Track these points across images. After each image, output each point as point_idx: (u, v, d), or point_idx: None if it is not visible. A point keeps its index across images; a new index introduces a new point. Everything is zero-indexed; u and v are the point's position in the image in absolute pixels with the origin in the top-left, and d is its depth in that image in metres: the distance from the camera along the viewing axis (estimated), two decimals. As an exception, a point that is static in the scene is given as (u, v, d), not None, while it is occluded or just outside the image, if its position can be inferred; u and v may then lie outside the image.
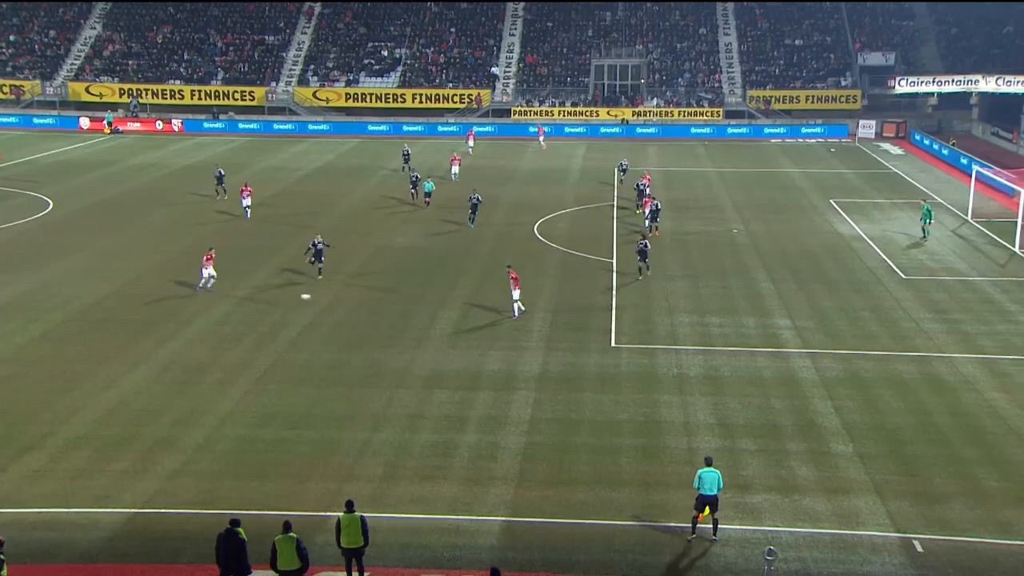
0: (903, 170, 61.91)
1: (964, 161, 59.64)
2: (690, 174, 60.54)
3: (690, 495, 21.44)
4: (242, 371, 28.67)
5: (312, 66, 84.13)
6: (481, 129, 77.68)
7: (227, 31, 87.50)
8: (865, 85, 79.47)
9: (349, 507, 18.51)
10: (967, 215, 47.91)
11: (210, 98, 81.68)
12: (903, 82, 77.40)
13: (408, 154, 60.63)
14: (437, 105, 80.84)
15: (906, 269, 39.09)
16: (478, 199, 45.83)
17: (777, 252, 41.79)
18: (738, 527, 20.35)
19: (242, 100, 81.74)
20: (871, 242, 43.40)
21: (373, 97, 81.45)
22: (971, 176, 50.68)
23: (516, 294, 32.83)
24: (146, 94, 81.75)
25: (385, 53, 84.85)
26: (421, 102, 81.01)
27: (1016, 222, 42.82)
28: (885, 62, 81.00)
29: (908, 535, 20.03)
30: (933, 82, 77.10)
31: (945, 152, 65.38)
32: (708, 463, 20.19)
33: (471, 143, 68.72)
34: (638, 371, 28.73)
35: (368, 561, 18.58)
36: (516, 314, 32.74)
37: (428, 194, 49.89)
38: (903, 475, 22.48)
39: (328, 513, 20.69)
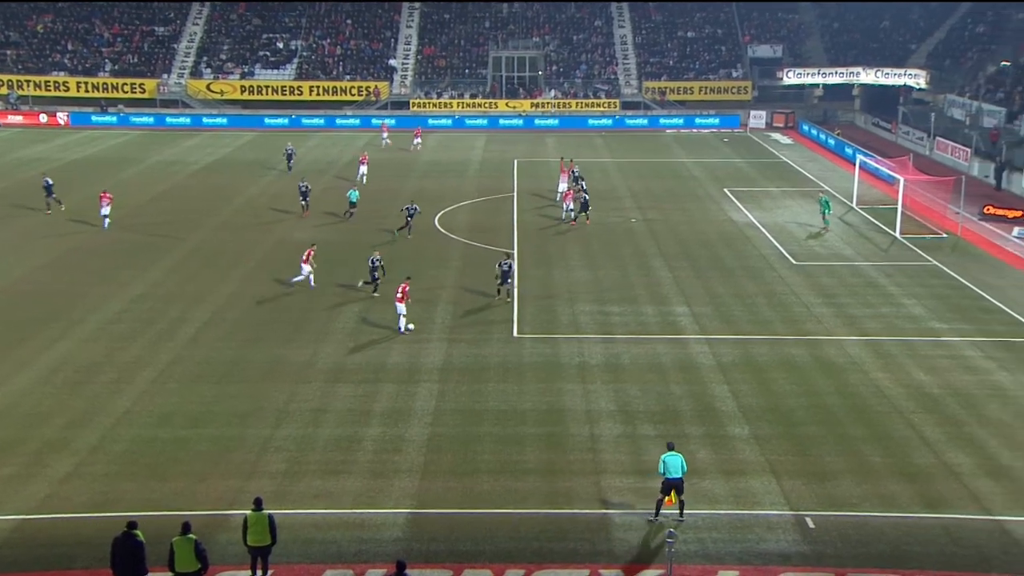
0: (792, 159, 63.70)
1: (849, 151, 61.68)
2: (588, 165, 61.06)
3: (591, 483, 21.76)
4: (138, 370, 27.87)
5: (205, 58, 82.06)
6: (380, 122, 76.98)
7: (114, 21, 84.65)
8: (755, 77, 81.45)
9: (257, 505, 18.18)
10: (852, 202, 49.59)
11: (98, 90, 78.80)
12: (790, 74, 79.66)
13: (292, 153, 57.85)
14: (335, 98, 79.74)
15: (797, 255, 40.25)
16: (415, 209, 42.53)
17: (674, 240, 42.55)
18: (640, 511, 20.67)
19: (132, 93, 79.13)
20: (763, 229, 44.55)
21: (269, 90, 79.88)
22: (855, 165, 52.45)
23: (401, 308, 30.62)
24: (27, 86, 78.47)
25: (280, 45, 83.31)
26: (318, 94, 79.82)
27: (896, 208, 44.51)
28: (773, 54, 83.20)
29: (801, 512, 20.66)
30: (818, 74, 79.56)
31: (831, 142, 67.50)
32: (670, 448, 20.48)
33: (418, 140, 65.82)
34: (541, 361, 28.91)
35: (272, 558, 18.29)
36: (402, 330, 30.75)
37: (353, 204, 45.54)
38: (796, 455, 23.16)
39: (230, 512, 20.31)
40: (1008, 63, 65.16)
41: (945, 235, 43.64)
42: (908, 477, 22.09)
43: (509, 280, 33.83)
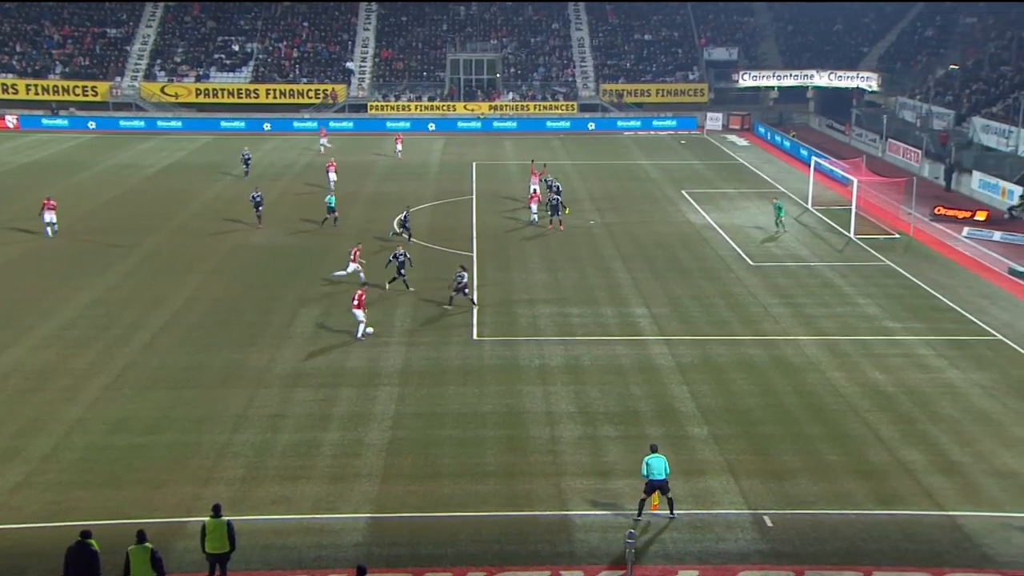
0: (748, 161, 64.34)
1: (804, 152, 62.42)
2: (547, 168, 61.17)
3: (552, 484, 21.83)
4: (92, 376, 27.46)
5: (159, 60, 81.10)
6: (337, 125, 76.74)
7: (64, 22, 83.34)
8: (711, 79, 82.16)
9: (216, 511, 17.97)
10: (807, 203, 50.18)
11: (48, 93, 77.51)
12: (746, 76, 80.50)
13: (249, 158, 56.66)
14: (291, 100, 79.23)
15: (754, 256, 40.65)
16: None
17: (633, 242, 42.78)
18: (600, 513, 20.75)
19: (84, 96, 77.93)
20: (721, 231, 44.93)
21: (225, 92, 79.11)
22: (810, 166, 53.09)
23: (360, 315, 30.31)
24: (-25, 88, 77.14)
25: (236, 47, 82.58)
26: (275, 97, 79.23)
27: (850, 209, 45.12)
28: (729, 57, 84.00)
29: (759, 511, 20.85)
30: (773, 76, 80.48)
31: (786, 144, 68.27)
32: (653, 449, 20.60)
33: (400, 147, 64.14)
34: (500, 363, 28.92)
35: (231, 565, 18.08)
36: (360, 335, 30.41)
37: (332, 210, 44.41)
38: (754, 454, 23.38)
39: (188, 519, 20.08)
40: (956, 67, 66.38)
41: (898, 235, 44.33)
42: (863, 475, 22.39)
43: (467, 292, 33.57)
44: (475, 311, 33.14)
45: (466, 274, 33.42)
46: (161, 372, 27.93)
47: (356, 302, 30.61)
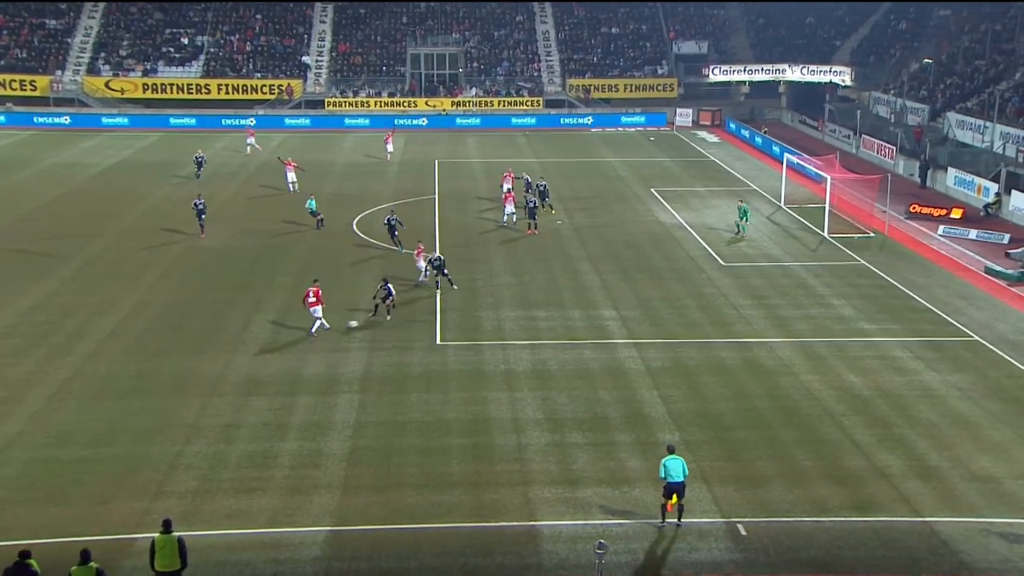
0: (720, 158, 64.80)
1: (776, 149, 62.97)
2: (512, 166, 61.25)
3: (519, 494, 21.82)
4: (32, 387, 27.08)
5: (103, 54, 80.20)
6: (293, 121, 76.35)
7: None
8: (681, 74, 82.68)
9: (166, 527, 17.81)
10: (780, 202, 50.63)
11: (-17, 88, 76.50)
12: (716, 71, 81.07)
13: (203, 161, 55.56)
14: (245, 96, 78.62)
15: (726, 256, 40.93)
16: (397, 220, 40.82)
17: (601, 243, 42.92)
18: (569, 523, 20.78)
19: (22, 90, 76.90)
20: (692, 230, 45.21)
21: (174, 88, 78.42)
22: (783, 163, 53.57)
23: (317, 311, 30.93)
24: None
25: (185, 41, 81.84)
26: (227, 93, 78.60)
27: (824, 207, 45.58)
28: (699, 51, 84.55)
29: (733, 520, 20.99)
30: (744, 71, 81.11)
31: (758, 140, 68.86)
32: (671, 451, 20.69)
33: (390, 147, 62.81)
34: (465, 368, 28.89)
35: (183, 584, 17.94)
36: (313, 331, 30.92)
37: (314, 213, 44.26)
38: (727, 460, 23.53)
39: (136, 535, 19.86)
40: (930, 60, 67.25)
41: (872, 234, 44.85)
42: (839, 480, 22.61)
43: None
44: (438, 314, 33.04)
45: (390, 286, 32.74)
46: (108, 381, 27.60)
47: (312, 299, 30.77)
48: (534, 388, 27.52)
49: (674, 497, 20.29)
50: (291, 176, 51.90)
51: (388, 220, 40.93)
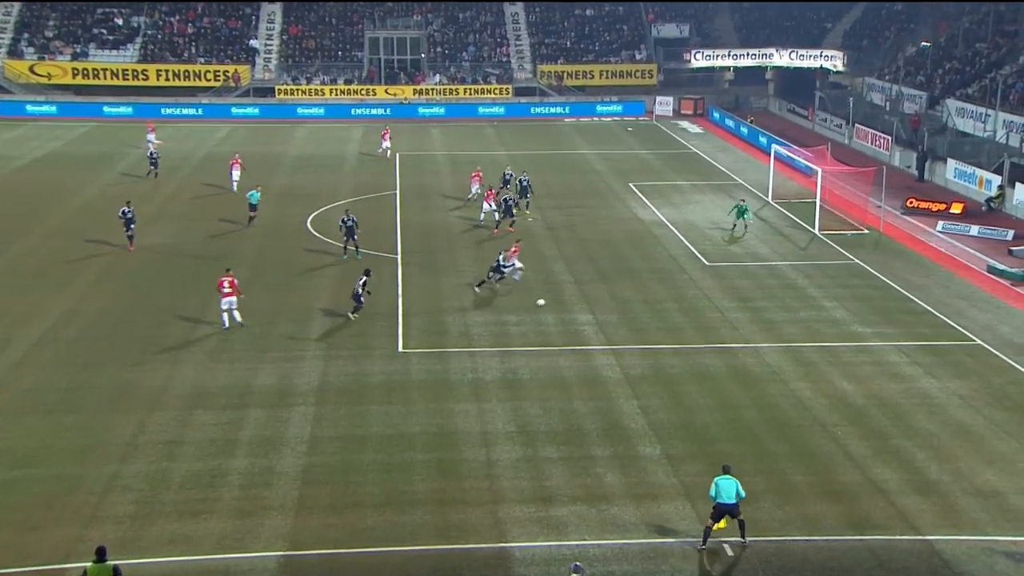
0: (702, 150, 65.19)
1: (763, 140, 63.45)
2: (479, 159, 61.30)
3: (488, 513, 21.85)
4: (-45, 402, 26.80)
5: (26, 35, 79.45)
6: (241, 111, 76.01)
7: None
8: (660, 59, 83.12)
9: (100, 555, 17.66)
10: (768, 196, 51.01)
11: None
12: (699, 56, 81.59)
13: (156, 158, 54.29)
14: (187, 83, 78.23)
15: (709, 256, 41.18)
16: (353, 221, 39.62)
17: (576, 241, 43.05)
18: (543, 544, 20.82)
19: (-67, 76, 76.18)
20: (673, 228, 45.45)
21: (108, 73, 77.83)
22: (770, 155, 53.97)
23: (232, 302, 31.73)
24: None
25: (120, 21, 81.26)
26: (167, 79, 78.20)
27: (815, 202, 45.98)
28: (680, 34, 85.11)
29: (719, 539, 21.09)
30: (728, 56, 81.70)
31: (744, 130, 69.36)
32: (725, 470, 20.79)
33: (387, 143, 61.28)
34: (429, 378, 28.89)
35: (121, 616, 17.80)
36: (226, 324, 31.74)
37: (254, 207, 43.98)
38: (712, 476, 23.48)
39: (67, 565, 19.67)
40: (928, 43, 68.04)
41: (867, 231, 45.28)
42: (832, 496, 22.80)
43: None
44: (400, 319, 33.02)
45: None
46: (35, 395, 27.35)
47: (228, 289, 31.46)
48: (504, 398, 27.55)
49: (723, 521, 20.47)
50: (236, 174, 51.36)
51: (344, 220, 39.52)
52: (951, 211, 48.13)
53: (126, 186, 51.48)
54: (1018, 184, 48.20)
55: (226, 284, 31.81)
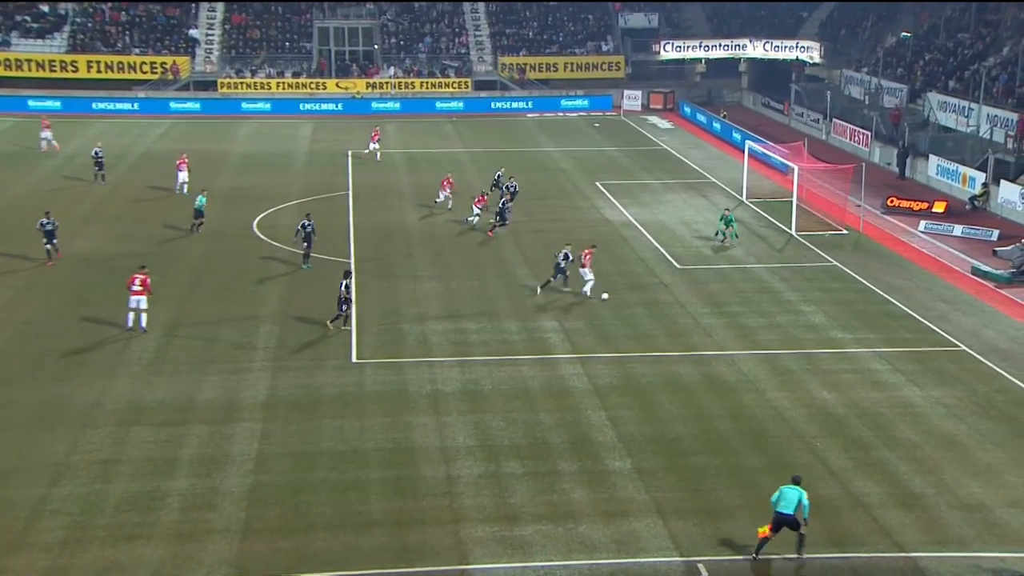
0: (672, 146, 65.54)
1: (737, 136, 63.89)
2: (437, 156, 61.38)
3: (449, 533, 21.81)
4: None
5: (-56, 24, 78.49)
6: (180, 106, 75.53)
7: None
8: (628, 51, 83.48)
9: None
10: (742, 195, 51.35)
11: None
12: (668, 47, 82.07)
13: (102, 158, 52.87)
14: (121, 75, 77.63)
15: (681, 258, 41.38)
16: (312, 227, 39.47)
17: (540, 244, 43.08)
18: (506, 565, 20.81)
19: None
20: (642, 229, 45.64)
21: (33, 65, 77.07)
22: (744, 152, 54.32)
23: (140, 302, 32.09)
24: None
25: (46, 8, 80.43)
26: (99, 71, 77.53)
27: (791, 201, 46.34)
28: (648, 24, 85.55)
29: (692, 558, 21.16)
30: (700, 47, 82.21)
31: (716, 126, 69.81)
32: (795, 481, 20.96)
33: (375, 145, 60.19)
34: (385, 390, 28.82)
35: (53, 650, 17.61)
36: (129, 323, 32.18)
37: (201, 212, 43.45)
38: (685, 491, 23.76)
39: (-3, 594, 19.44)
40: (909, 34, 68.79)
41: (846, 231, 45.69)
42: (812, 511, 22.90)
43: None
44: (353, 327, 32.91)
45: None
46: (-40, 412, 27.01)
47: (139, 287, 31.75)
48: (465, 411, 27.53)
49: (765, 528, 20.60)
50: (183, 176, 50.64)
51: (304, 226, 39.02)
52: (933, 210, 48.66)
53: (56, 188, 50.91)
54: (1003, 182, 48.81)
55: (137, 282, 32.00)
